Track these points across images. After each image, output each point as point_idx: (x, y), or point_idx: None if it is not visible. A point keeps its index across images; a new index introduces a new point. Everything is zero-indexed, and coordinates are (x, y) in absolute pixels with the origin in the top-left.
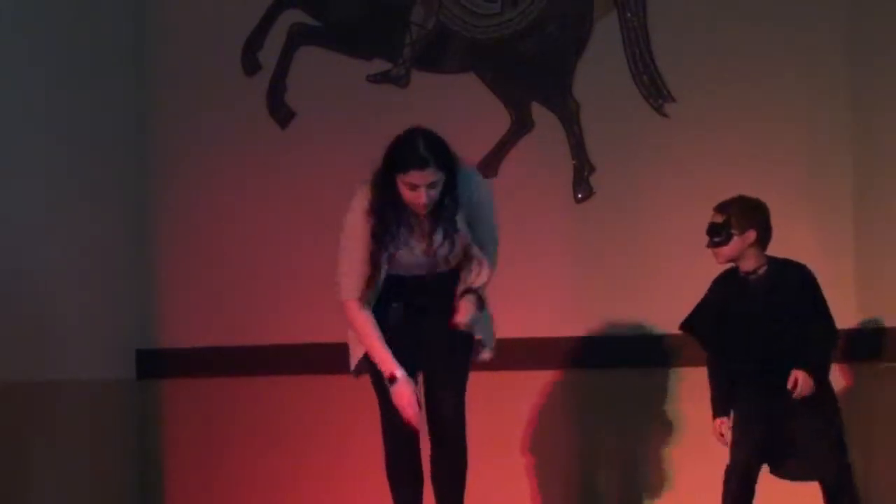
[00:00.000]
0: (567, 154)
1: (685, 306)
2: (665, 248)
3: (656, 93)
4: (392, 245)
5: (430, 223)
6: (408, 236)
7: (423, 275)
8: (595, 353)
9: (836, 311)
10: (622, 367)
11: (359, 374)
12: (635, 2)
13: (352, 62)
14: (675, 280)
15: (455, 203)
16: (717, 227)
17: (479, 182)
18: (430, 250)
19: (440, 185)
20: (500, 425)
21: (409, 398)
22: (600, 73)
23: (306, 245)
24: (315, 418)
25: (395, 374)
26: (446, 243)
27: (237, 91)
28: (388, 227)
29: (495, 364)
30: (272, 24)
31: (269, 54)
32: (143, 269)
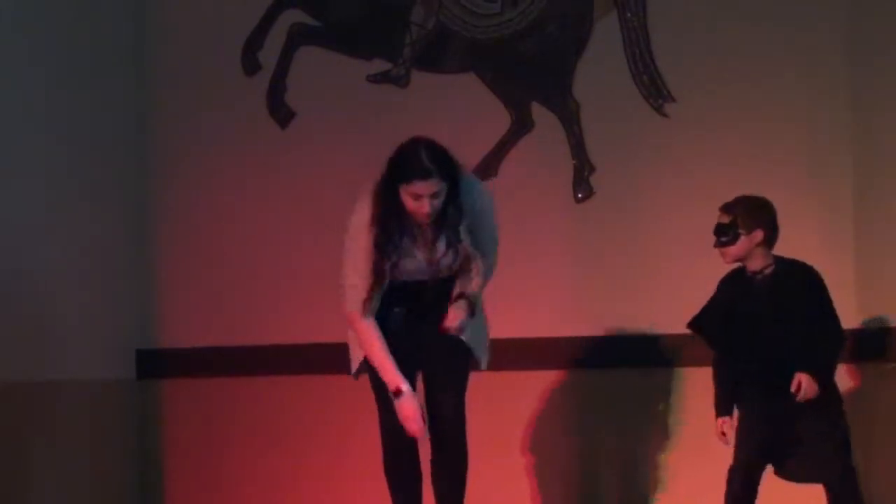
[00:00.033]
0: (567, 154)
1: (685, 306)
2: (665, 248)
3: (656, 93)
4: (395, 254)
5: (434, 232)
6: (411, 246)
7: (426, 280)
8: (595, 353)
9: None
10: (622, 367)
11: (358, 375)
12: (635, 2)
13: (352, 62)
14: (675, 280)
15: (459, 213)
16: (723, 227)
17: (481, 190)
18: (433, 259)
19: (443, 195)
20: (500, 425)
21: (413, 413)
22: (600, 73)
23: (306, 245)
24: (315, 418)
25: (400, 388)
26: (450, 252)
27: (237, 91)
28: (391, 237)
29: (495, 364)
30: (272, 24)
31: (269, 54)
32: (143, 269)
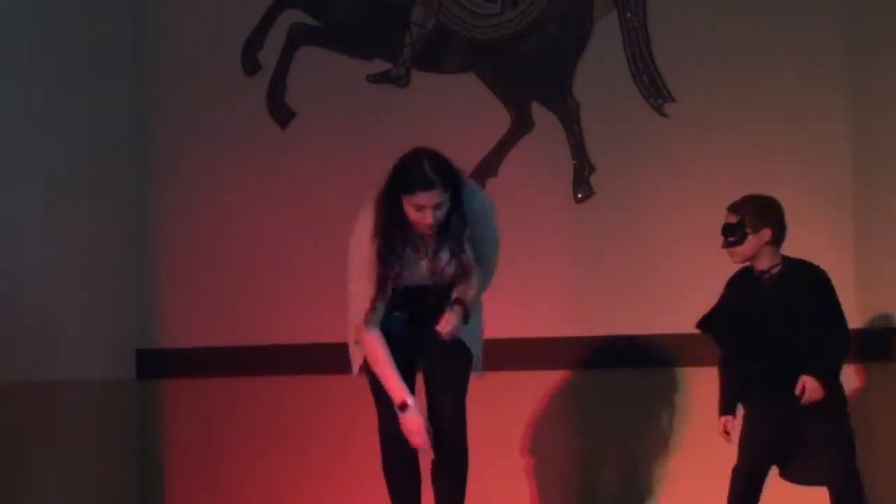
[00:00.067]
0: (567, 154)
1: (685, 306)
2: (665, 248)
3: (656, 93)
4: (398, 265)
5: (436, 242)
6: (414, 256)
7: (428, 284)
8: (595, 353)
9: None
10: (622, 367)
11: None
12: (635, 2)
13: (352, 62)
14: (675, 280)
15: (462, 223)
16: (731, 227)
17: (483, 199)
18: (436, 269)
19: (446, 206)
20: (500, 425)
21: (418, 427)
22: (600, 73)
23: (306, 245)
24: (315, 418)
25: (406, 402)
26: (453, 262)
27: (237, 91)
28: (394, 248)
29: (495, 364)
30: (272, 24)
31: (269, 54)
32: (143, 269)
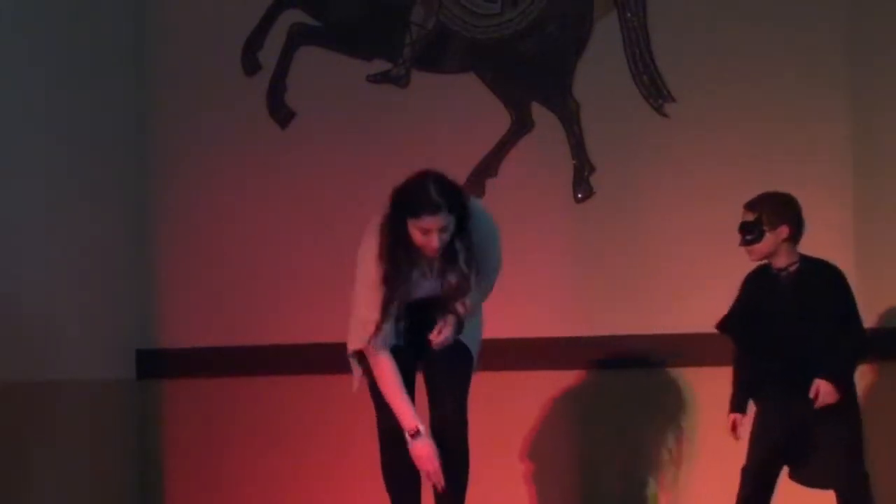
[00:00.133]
0: (567, 154)
1: (685, 306)
2: (665, 248)
3: (656, 93)
4: (404, 287)
5: (441, 264)
6: (419, 278)
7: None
8: (595, 353)
9: None
10: (622, 368)
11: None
12: (635, 2)
13: (352, 62)
14: (674, 280)
15: (469, 246)
16: (749, 224)
17: (488, 218)
18: (440, 289)
19: (451, 228)
20: (500, 425)
21: (429, 454)
22: (600, 73)
23: (306, 245)
24: (315, 418)
25: (418, 430)
26: (458, 284)
27: (237, 91)
28: (400, 271)
29: (495, 364)
30: (272, 24)
31: (269, 54)
32: (143, 269)
